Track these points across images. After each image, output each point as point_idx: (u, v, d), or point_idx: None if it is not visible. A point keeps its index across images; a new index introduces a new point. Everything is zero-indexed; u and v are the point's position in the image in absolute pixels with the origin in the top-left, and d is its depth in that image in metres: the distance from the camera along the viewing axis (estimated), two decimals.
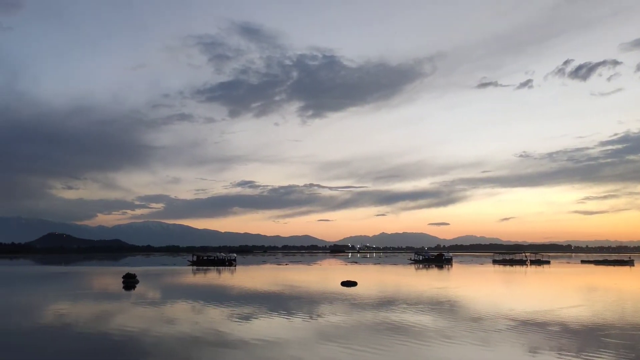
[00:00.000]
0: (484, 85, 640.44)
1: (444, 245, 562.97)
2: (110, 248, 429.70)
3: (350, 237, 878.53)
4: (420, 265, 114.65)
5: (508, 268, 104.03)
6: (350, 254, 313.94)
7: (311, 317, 28.56)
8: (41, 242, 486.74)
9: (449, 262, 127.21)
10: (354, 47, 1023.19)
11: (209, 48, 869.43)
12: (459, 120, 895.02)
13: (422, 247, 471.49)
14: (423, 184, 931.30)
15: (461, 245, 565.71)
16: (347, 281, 53.80)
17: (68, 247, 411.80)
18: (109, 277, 69.31)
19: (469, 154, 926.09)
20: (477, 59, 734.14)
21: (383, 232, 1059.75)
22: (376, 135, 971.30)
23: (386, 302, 36.37)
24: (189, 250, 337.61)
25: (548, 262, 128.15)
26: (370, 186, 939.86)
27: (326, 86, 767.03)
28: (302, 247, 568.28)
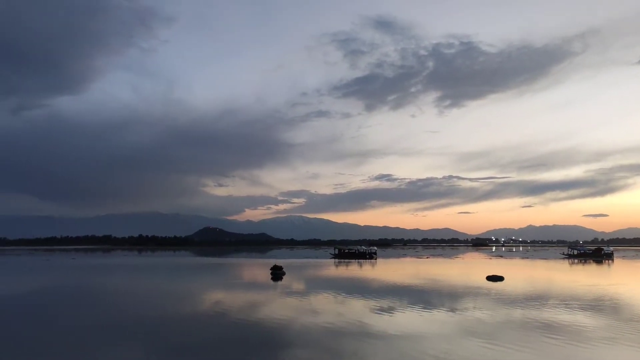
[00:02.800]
0: None
1: (602, 239, 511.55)
2: (257, 241, 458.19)
3: (494, 229, 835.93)
4: (576, 260, 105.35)
5: None
6: (494, 248, 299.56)
7: (454, 312, 27.79)
8: (198, 236, 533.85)
9: (609, 257, 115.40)
10: (493, 30, 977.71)
11: (344, 44, 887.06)
12: (616, 101, 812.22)
13: (577, 240, 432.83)
14: (575, 172, 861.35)
15: (623, 239, 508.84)
16: (493, 276, 51.39)
17: (221, 240, 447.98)
18: (257, 268, 73.94)
19: (629, 137, 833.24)
20: (638, 31, 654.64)
21: (530, 225, 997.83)
22: (519, 122, 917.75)
23: (537, 299, 34.07)
24: (330, 243, 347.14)
25: None
26: (515, 176, 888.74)
27: (464, 74, 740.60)
28: (442, 241, 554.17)
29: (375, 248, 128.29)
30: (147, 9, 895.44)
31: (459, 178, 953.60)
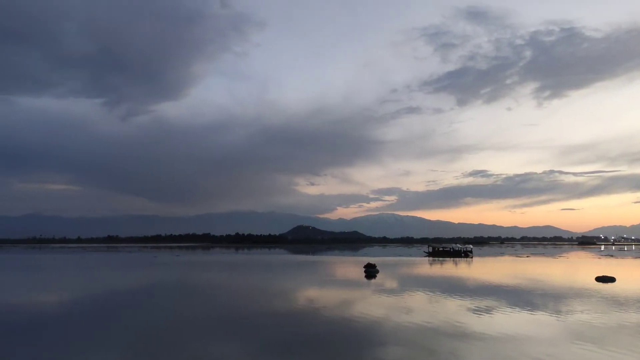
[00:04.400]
0: None
1: None
2: (349, 239, 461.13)
3: (602, 227, 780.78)
4: None
5: None
6: (603, 247, 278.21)
7: (559, 314, 26.15)
8: (291, 234, 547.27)
9: None
10: (598, 14, 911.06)
11: (434, 38, 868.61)
12: None
13: None
14: None
15: None
16: (603, 276, 47.74)
17: (313, 238, 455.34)
18: (350, 266, 74.27)
19: None
20: None
21: None
22: (629, 111, 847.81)
23: None
24: (423, 241, 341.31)
25: None
26: (625, 170, 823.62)
27: (565, 62, 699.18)
28: (543, 239, 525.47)
29: (471, 246, 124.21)
30: (240, 14, 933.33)
31: (561, 173, 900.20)
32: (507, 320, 24.24)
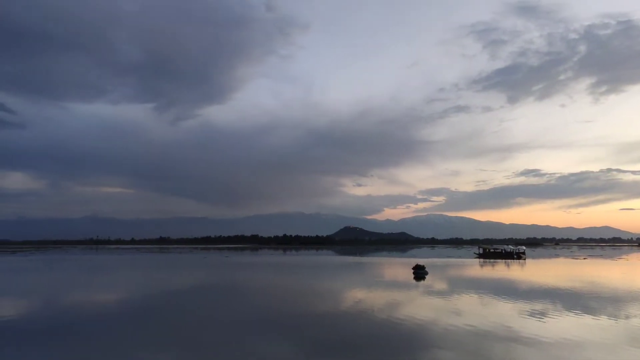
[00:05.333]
0: None
1: None
2: (397, 240, 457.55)
3: None
4: None
5: None
6: None
7: (619, 319, 25.01)
8: (339, 235, 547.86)
9: None
10: None
11: (483, 35, 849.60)
12: None
13: None
14: None
15: None
16: None
17: (361, 239, 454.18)
18: (398, 267, 73.60)
19: None
20: None
21: None
22: None
23: None
24: (473, 242, 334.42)
25: None
26: None
27: (623, 56, 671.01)
28: (601, 240, 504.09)
29: (524, 247, 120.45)
30: (285, 17, 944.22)
31: (619, 171, 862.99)
32: (562, 325, 23.39)
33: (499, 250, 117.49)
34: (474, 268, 73.27)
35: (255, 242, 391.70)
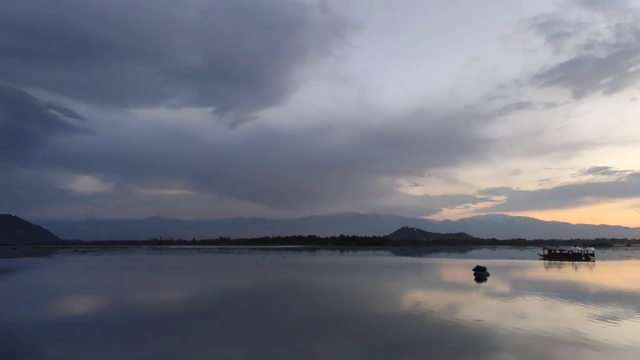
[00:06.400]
0: None
1: None
2: (456, 241, 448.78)
3: None
4: None
5: None
6: None
7: None
8: (396, 235, 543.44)
9: None
10: None
11: (545, 28, 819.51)
12: None
13: None
14: None
15: None
16: None
17: (418, 240, 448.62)
18: (458, 268, 72.19)
19: None
20: None
21: None
22: None
23: None
24: (537, 243, 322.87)
25: None
26: None
27: None
28: None
29: (593, 249, 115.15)
30: (340, 18, 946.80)
31: None
32: (635, 330, 22.27)
33: (566, 252, 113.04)
34: (539, 270, 70.75)
35: (313, 243, 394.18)
